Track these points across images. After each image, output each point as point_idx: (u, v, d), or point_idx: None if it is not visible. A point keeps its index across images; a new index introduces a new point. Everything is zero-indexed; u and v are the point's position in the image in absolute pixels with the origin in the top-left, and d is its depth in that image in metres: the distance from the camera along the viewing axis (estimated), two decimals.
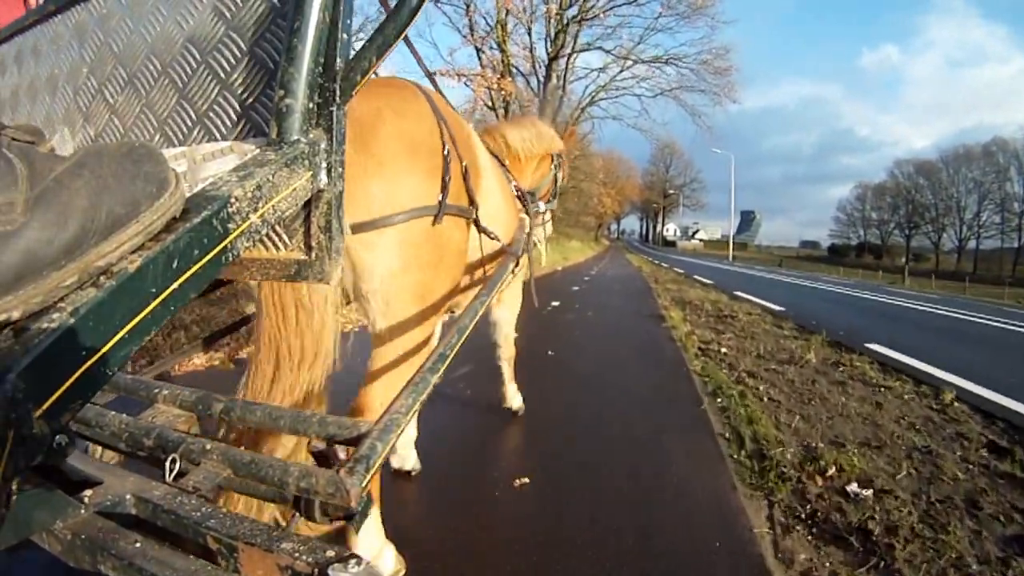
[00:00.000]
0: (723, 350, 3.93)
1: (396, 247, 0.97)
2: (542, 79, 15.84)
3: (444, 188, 1.02)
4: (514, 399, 2.32)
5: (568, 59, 16.00)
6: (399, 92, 1.08)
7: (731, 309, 6.33)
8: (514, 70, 14.55)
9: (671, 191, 66.76)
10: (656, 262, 24.07)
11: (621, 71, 17.04)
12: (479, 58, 14.11)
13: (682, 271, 16.37)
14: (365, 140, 0.94)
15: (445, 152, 1.04)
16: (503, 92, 13.33)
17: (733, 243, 41.75)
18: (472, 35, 13.77)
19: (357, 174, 0.92)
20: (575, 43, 15.77)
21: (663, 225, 77.59)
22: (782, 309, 6.85)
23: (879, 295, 12.25)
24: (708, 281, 11.92)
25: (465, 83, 12.97)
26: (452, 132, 1.10)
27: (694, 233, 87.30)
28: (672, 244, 76.89)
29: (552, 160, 2.16)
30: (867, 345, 4.39)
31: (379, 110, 0.98)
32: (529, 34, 15.05)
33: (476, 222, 1.18)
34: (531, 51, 15.33)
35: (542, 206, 2.11)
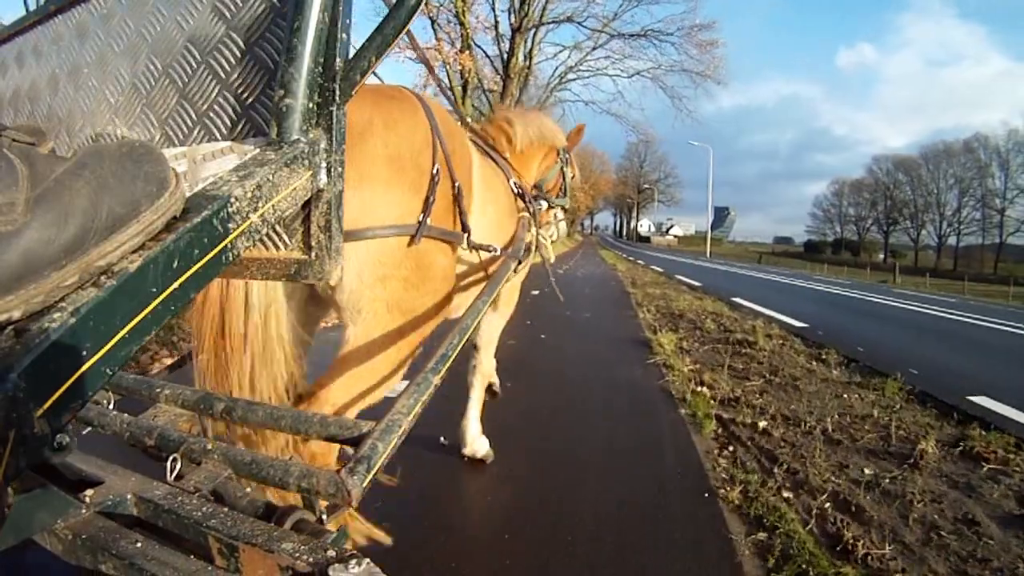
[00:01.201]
0: (761, 423, 2.41)
1: (370, 262, 0.95)
2: (506, 55, 14.23)
3: (426, 208, 0.98)
4: (477, 442, 1.87)
5: (535, 32, 14.37)
6: (396, 103, 1.04)
7: (741, 328, 4.86)
8: (474, 45, 13.11)
9: (646, 186, 66.18)
10: (632, 259, 22.19)
11: (595, 48, 15.27)
12: (434, 31, 12.74)
13: (661, 270, 14.89)
14: (350, 150, 0.92)
15: (434, 171, 1.00)
16: (461, 67, 12.26)
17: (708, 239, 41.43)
18: (426, 5, 12.35)
19: None
20: (543, 14, 14.18)
21: (637, 221, 77.29)
22: (806, 326, 5.61)
23: (890, 299, 11.39)
24: (695, 283, 10.61)
25: (418, 59, 12.04)
26: (448, 150, 1.05)
27: (668, 229, 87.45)
28: (646, 240, 76.79)
29: (558, 155, 2.16)
30: (971, 399, 3.10)
31: (370, 120, 0.95)
32: (493, 8, 13.80)
33: (470, 244, 1.15)
34: (495, 25, 13.93)
35: (544, 204, 2.11)
